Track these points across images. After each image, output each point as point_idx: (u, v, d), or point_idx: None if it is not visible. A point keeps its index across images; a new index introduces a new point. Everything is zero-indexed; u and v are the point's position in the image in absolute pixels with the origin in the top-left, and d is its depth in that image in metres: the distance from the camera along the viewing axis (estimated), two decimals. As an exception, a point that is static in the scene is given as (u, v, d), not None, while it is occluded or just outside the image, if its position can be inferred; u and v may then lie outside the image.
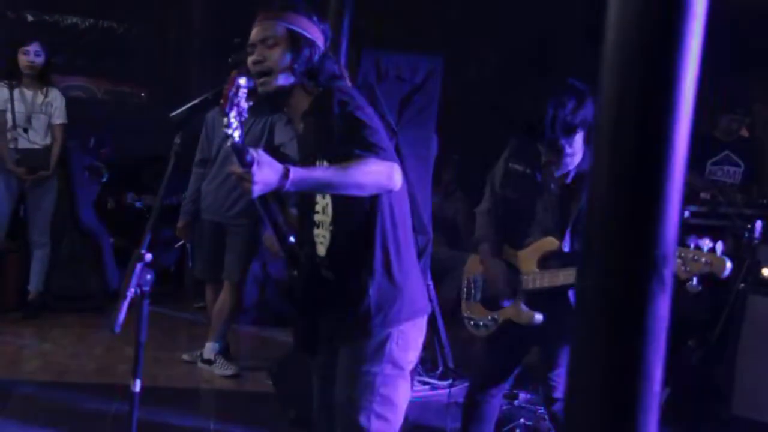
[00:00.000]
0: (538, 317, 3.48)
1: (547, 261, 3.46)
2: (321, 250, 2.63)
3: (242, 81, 2.21)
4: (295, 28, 2.58)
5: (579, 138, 3.39)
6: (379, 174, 2.33)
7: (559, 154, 3.40)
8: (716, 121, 6.23)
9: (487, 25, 8.54)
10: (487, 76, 9.01)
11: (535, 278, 3.47)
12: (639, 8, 1.28)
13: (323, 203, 2.61)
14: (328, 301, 2.64)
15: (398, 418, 2.64)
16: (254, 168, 2.16)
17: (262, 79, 2.58)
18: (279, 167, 2.22)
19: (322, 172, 2.38)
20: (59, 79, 7.38)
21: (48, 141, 6.35)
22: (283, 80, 2.58)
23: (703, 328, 5.04)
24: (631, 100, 1.33)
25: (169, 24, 10.29)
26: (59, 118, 6.38)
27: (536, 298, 3.50)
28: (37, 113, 6.30)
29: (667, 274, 1.35)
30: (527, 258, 3.51)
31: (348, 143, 2.36)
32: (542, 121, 3.31)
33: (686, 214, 5.45)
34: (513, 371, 3.74)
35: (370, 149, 2.34)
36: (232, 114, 2.18)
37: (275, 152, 5.28)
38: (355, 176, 2.30)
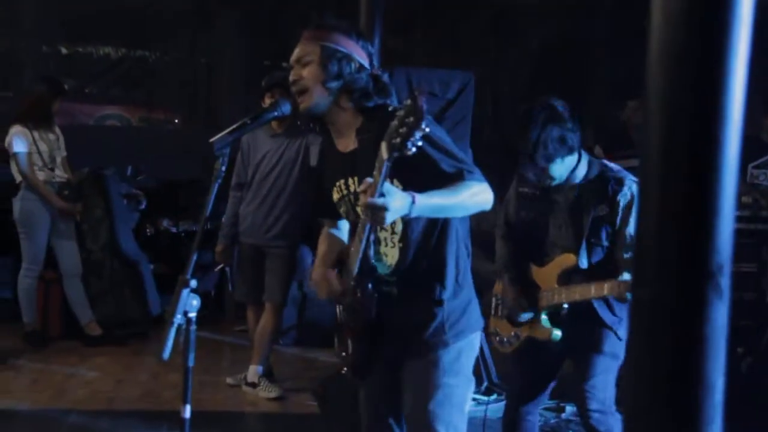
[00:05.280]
0: (557, 333, 3.49)
1: (567, 277, 3.48)
2: (384, 268, 2.62)
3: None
4: (329, 45, 2.59)
5: (561, 160, 3.41)
6: (482, 196, 2.46)
7: (546, 173, 3.44)
8: (761, 123, 6.14)
9: (516, 37, 8.54)
10: (519, 88, 9.00)
11: (553, 294, 3.49)
12: (685, 17, 1.26)
13: None
14: (392, 318, 2.61)
15: (465, 427, 2.73)
16: (388, 198, 2.23)
17: (300, 98, 2.59)
18: (406, 195, 2.28)
19: (439, 198, 2.40)
20: (94, 109, 7.49)
21: None
22: (318, 96, 2.58)
23: (752, 334, 4.95)
24: (679, 108, 1.31)
25: (199, 50, 10.43)
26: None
27: (557, 314, 3.52)
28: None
29: (724, 283, 1.32)
30: (547, 275, 3.53)
31: (450, 167, 2.44)
32: (526, 149, 3.36)
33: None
34: (545, 387, 3.71)
35: (471, 173, 2.45)
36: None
37: (310, 173, 5.32)
38: (465, 201, 2.44)
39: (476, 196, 2.46)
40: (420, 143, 2.13)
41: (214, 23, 10.03)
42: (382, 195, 2.23)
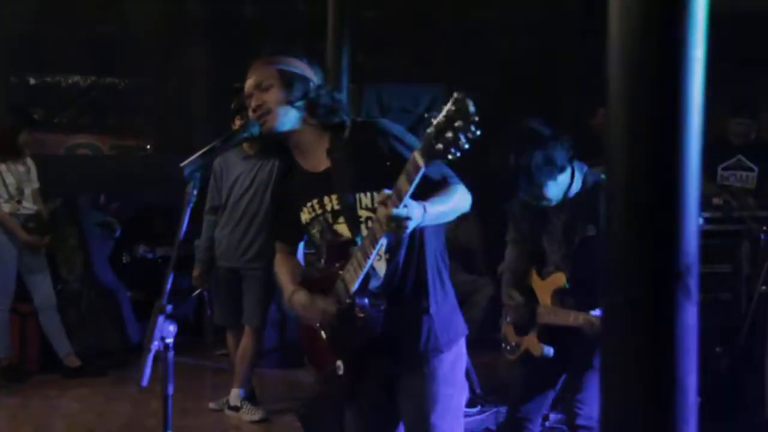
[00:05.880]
0: (548, 351, 3.49)
1: (559, 297, 3.50)
2: (374, 281, 2.61)
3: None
4: (284, 68, 2.62)
5: (553, 181, 3.41)
6: (466, 199, 2.54)
7: (542, 196, 3.45)
8: (725, 126, 6.19)
9: (486, 51, 8.59)
10: (490, 101, 9.05)
11: (545, 313, 3.50)
12: (642, 22, 1.28)
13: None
14: (383, 332, 2.59)
15: None
16: (410, 209, 2.25)
17: (263, 119, 2.60)
18: (419, 205, 2.32)
19: (440, 205, 2.44)
20: (64, 139, 7.43)
21: None
22: (283, 115, 2.59)
23: (729, 334, 4.99)
24: (640, 112, 1.33)
25: (168, 75, 10.39)
26: None
27: (549, 331, 3.52)
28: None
29: (692, 284, 1.34)
30: (544, 292, 3.55)
31: (436, 173, 2.47)
32: (516, 174, 3.38)
33: (700, 221, 5.40)
34: (544, 396, 3.71)
35: (453, 177, 2.54)
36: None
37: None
38: (455, 205, 2.50)
39: (462, 200, 2.53)
40: (467, 147, 2.07)
41: (184, 49, 10.02)
42: (405, 206, 2.24)
